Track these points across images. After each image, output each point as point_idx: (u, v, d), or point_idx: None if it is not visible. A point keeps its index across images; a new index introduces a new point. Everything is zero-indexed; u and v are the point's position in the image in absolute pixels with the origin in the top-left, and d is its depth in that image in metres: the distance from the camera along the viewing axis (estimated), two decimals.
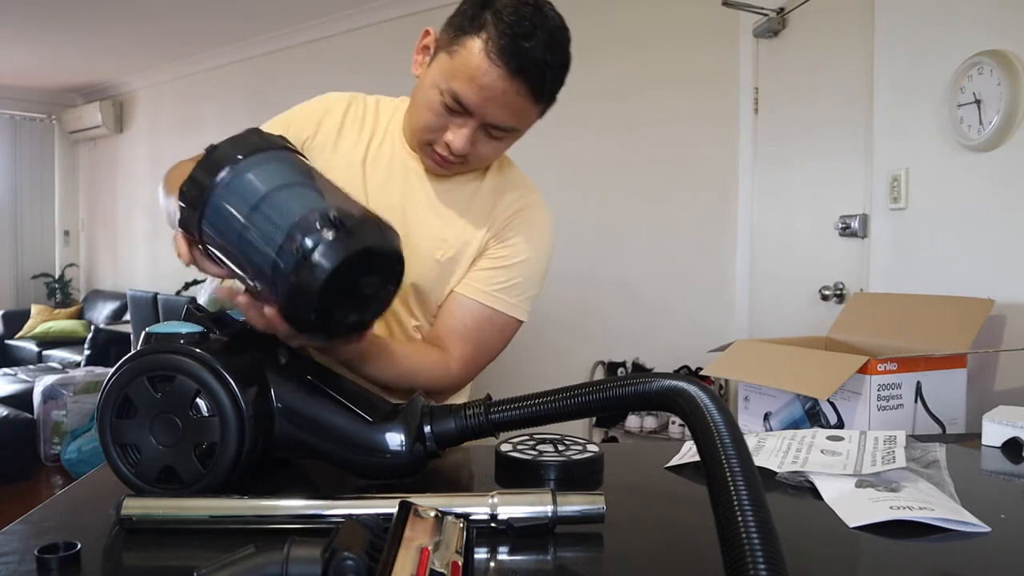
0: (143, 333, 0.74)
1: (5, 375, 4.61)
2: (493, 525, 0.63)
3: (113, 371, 0.71)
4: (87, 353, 5.23)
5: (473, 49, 0.92)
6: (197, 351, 0.71)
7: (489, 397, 0.75)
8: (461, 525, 0.56)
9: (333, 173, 0.83)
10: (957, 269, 1.77)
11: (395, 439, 0.75)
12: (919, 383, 1.26)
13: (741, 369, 1.43)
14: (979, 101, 1.68)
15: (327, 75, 4.39)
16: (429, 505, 0.57)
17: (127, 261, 6.41)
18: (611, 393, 0.66)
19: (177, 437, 0.70)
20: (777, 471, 0.81)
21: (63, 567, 0.56)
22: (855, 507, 0.70)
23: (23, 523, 0.67)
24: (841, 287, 2.29)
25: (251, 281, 0.76)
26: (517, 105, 0.94)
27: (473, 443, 0.79)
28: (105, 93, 6.48)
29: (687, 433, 0.62)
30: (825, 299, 2.32)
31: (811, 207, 2.41)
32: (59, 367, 4.95)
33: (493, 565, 0.60)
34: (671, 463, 0.87)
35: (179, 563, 0.61)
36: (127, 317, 5.49)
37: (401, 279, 0.80)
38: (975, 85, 1.69)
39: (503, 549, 0.62)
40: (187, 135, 5.51)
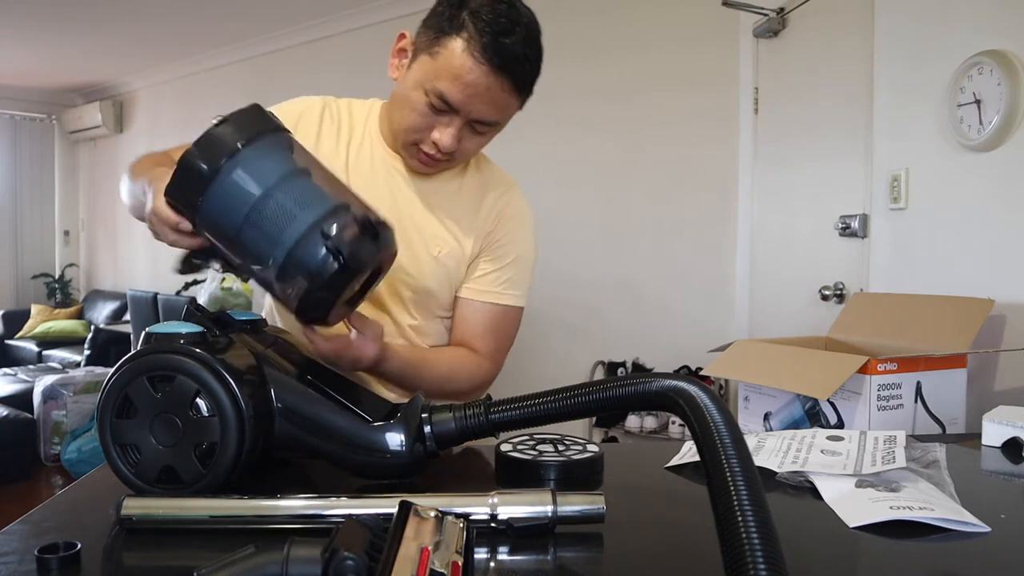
0: (143, 333, 0.74)
1: (5, 375, 4.61)
2: (493, 525, 0.63)
3: (113, 371, 0.71)
4: (87, 353, 5.23)
5: (455, 49, 0.94)
6: (197, 351, 0.71)
7: (489, 397, 0.75)
8: (461, 525, 0.56)
9: None
10: (957, 269, 1.77)
11: (395, 439, 0.75)
12: (919, 383, 1.26)
13: (741, 369, 1.43)
14: (979, 101, 1.68)
15: (327, 75, 4.39)
16: (429, 505, 0.57)
17: (127, 261, 6.41)
18: (611, 393, 0.66)
19: (177, 437, 0.70)
20: (777, 471, 0.81)
21: (63, 567, 0.56)
22: (855, 507, 0.70)
23: (23, 523, 0.67)
24: (841, 287, 2.28)
25: (239, 259, 0.78)
26: (501, 100, 0.98)
27: (473, 443, 0.79)
28: (105, 93, 6.48)
29: (687, 433, 0.62)
30: (825, 299, 2.32)
31: (811, 207, 2.41)
32: (59, 367, 4.95)
33: (493, 565, 0.60)
34: (671, 463, 0.87)
35: (179, 563, 0.61)
36: (127, 317, 5.49)
37: (384, 273, 0.88)
38: (975, 85, 1.69)
39: (503, 549, 0.62)
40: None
